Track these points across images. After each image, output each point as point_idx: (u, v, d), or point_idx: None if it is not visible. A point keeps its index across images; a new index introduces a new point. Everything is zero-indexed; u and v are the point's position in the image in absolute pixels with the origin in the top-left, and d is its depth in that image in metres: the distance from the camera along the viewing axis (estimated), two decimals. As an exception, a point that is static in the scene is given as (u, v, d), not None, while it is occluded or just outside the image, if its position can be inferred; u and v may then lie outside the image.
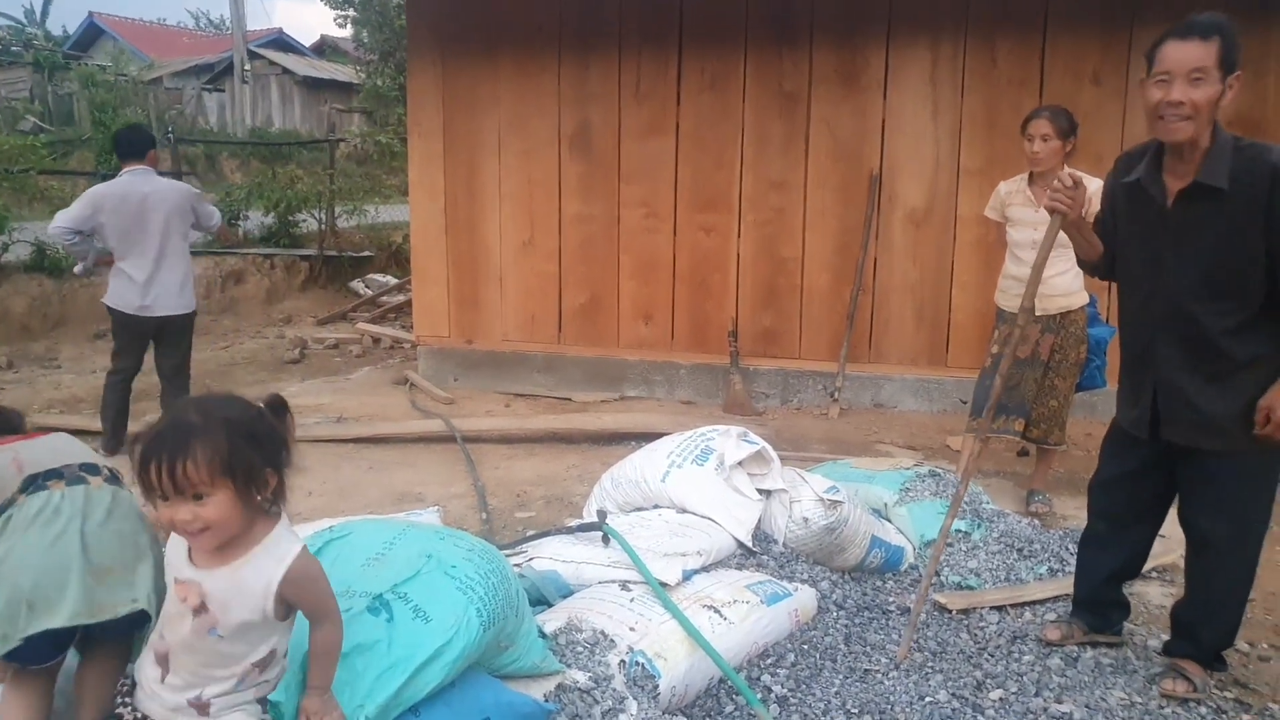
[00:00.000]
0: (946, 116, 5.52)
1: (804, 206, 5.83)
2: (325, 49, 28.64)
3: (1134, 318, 2.57)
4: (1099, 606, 2.87)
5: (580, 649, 2.32)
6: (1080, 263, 2.83)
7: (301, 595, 1.60)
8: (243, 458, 1.52)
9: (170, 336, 4.98)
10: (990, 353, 4.09)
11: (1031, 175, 3.91)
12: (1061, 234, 3.88)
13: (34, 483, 1.91)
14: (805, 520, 3.15)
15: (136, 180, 4.75)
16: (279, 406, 1.66)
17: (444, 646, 1.77)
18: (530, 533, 3.46)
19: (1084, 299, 3.91)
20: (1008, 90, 5.37)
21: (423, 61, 6.40)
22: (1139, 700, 2.58)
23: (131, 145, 4.85)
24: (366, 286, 10.43)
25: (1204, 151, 2.31)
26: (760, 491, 3.24)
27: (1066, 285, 3.85)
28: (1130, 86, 5.21)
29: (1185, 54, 2.23)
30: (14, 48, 21.62)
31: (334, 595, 1.66)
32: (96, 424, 5.37)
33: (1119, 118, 5.24)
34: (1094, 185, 3.79)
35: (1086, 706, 2.54)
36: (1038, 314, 3.92)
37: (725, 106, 5.87)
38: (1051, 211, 2.58)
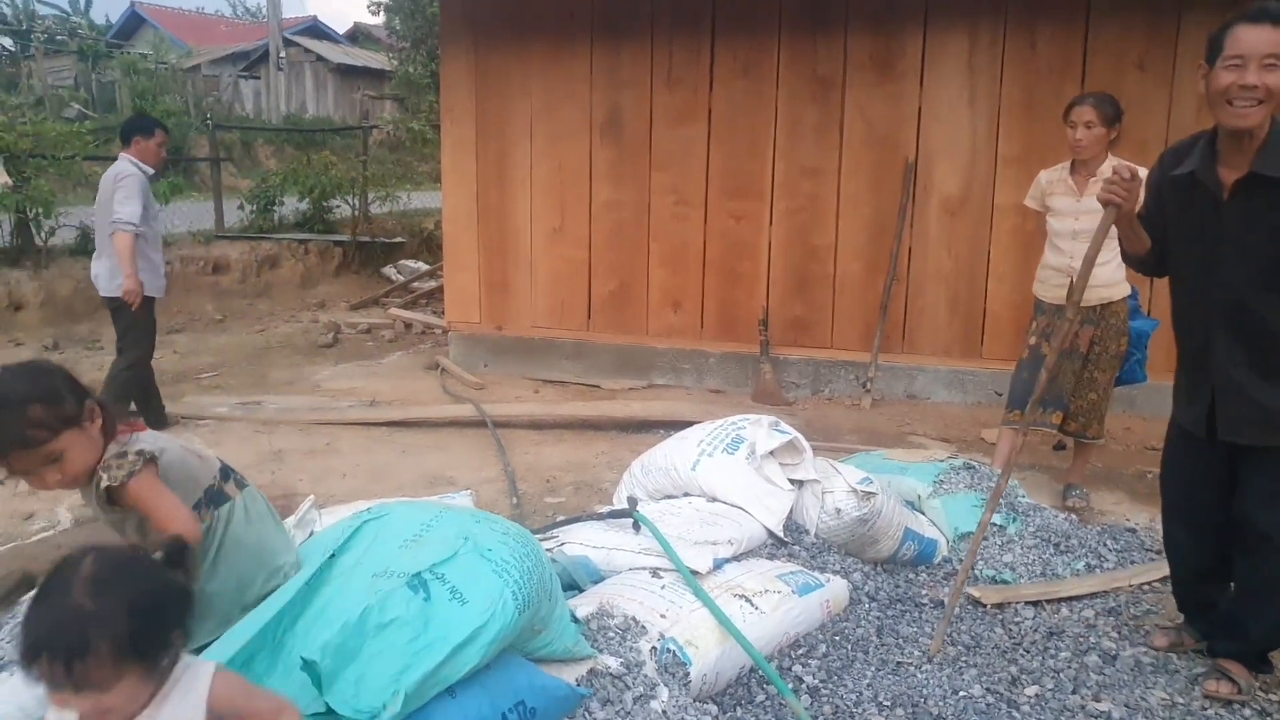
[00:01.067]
0: (984, 104, 5.42)
1: (837, 194, 5.76)
2: (359, 36, 28.81)
3: (1189, 314, 2.53)
4: (1204, 611, 2.75)
5: (612, 634, 2.32)
6: (1125, 258, 2.76)
7: (235, 709, 1.44)
8: (149, 637, 1.32)
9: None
10: (1028, 344, 4.02)
11: (1074, 164, 3.83)
12: (1104, 224, 3.83)
13: (230, 473, 2.10)
14: (838, 511, 3.12)
15: (114, 165, 5.03)
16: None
17: (480, 629, 1.78)
18: (561, 518, 3.47)
19: (1125, 290, 3.83)
20: (1048, 77, 5.27)
21: (455, 48, 6.41)
22: (1180, 701, 2.53)
23: (121, 133, 5.12)
24: (399, 272, 10.50)
25: (1261, 141, 2.27)
26: (792, 482, 3.22)
27: (1108, 276, 3.77)
28: (1178, 73, 5.08)
29: (1260, 38, 2.18)
30: (59, 37, 21.98)
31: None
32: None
33: (1164, 105, 5.12)
34: (1141, 175, 3.72)
35: (1126, 706, 2.50)
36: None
37: (758, 93, 5.82)
38: (1106, 203, 2.51)
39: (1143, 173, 3.73)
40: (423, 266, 10.49)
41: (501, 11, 6.21)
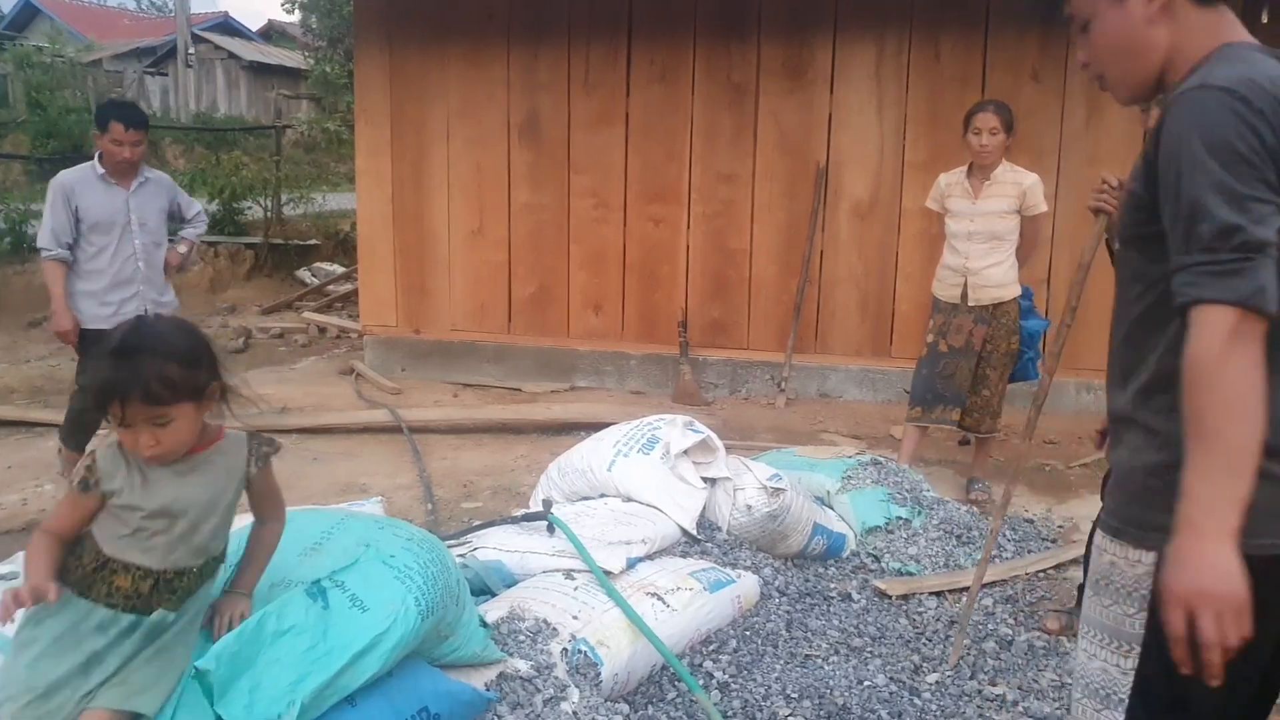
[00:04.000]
0: (891, 111, 5.60)
1: (752, 199, 5.87)
2: (273, 34, 28.01)
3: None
4: None
5: (522, 638, 2.33)
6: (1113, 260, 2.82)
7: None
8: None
9: None
10: (926, 342, 4.17)
11: (971, 168, 3.99)
12: (999, 225, 4.00)
13: None
14: (749, 508, 3.19)
15: None
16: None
17: (381, 636, 1.77)
18: (476, 523, 3.45)
19: (1016, 291, 4.01)
20: (951, 86, 5.47)
21: (370, 47, 6.31)
22: (1069, 681, 2.65)
23: None
24: (313, 275, 10.26)
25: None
26: (705, 480, 3.27)
27: (1000, 276, 3.95)
28: (1068, 84, 5.34)
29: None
30: (-56, 27, 20.80)
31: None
32: (30, 414, 5.23)
33: (1058, 114, 5.37)
34: (1029, 180, 3.91)
35: (1019, 688, 2.62)
36: (970, 304, 4.01)
37: (675, 98, 5.89)
38: (1096, 212, 2.56)
39: (1024, 175, 3.92)
40: (338, 269, 10.26)
41: (417, 10, 6.14)
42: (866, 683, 2.60)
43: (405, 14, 6.16)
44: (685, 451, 3.29)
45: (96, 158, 3.98)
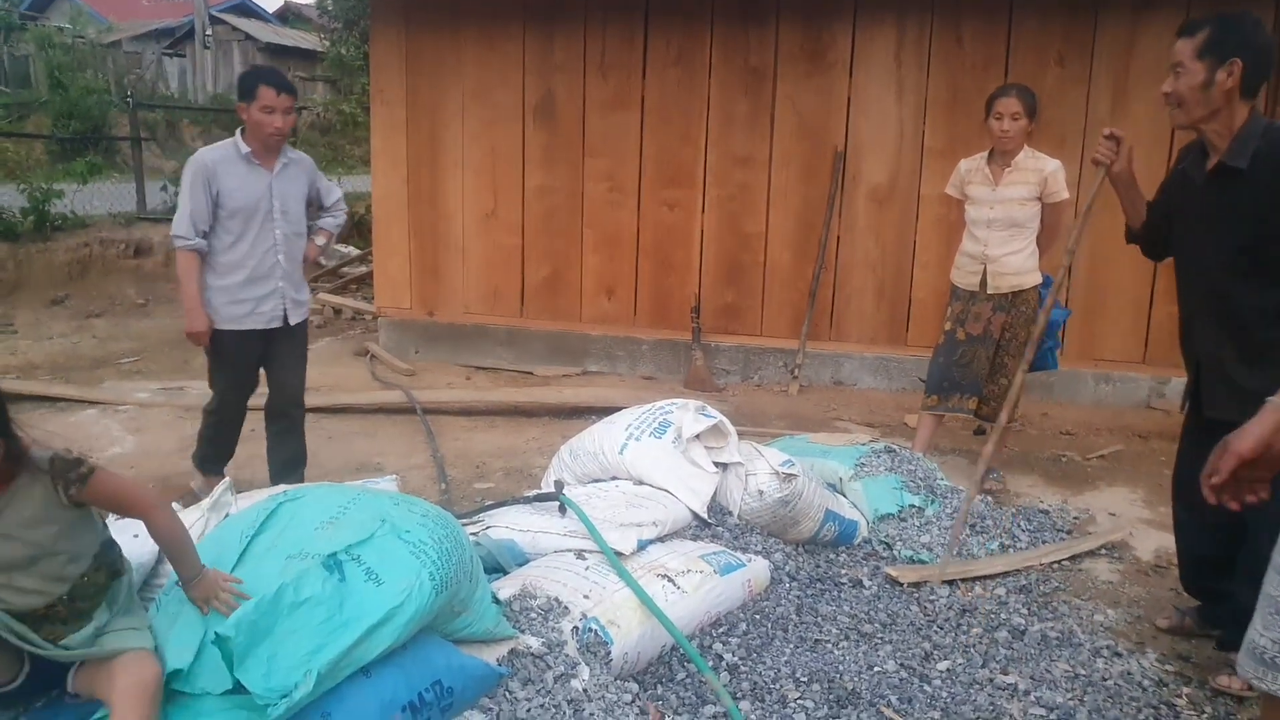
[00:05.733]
0: (911, 96, 5.54)
1: (768, 183, 5.84)
2: (289, 16, 28.02)
3: (1181, 296, 2.69)
4: (1215, 600, 2.79)
5: (534, 615, 2.33)
6: (1129, 235, 2.88)
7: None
8: None
9: None
10: (944, 330, 4.13)
11: (991, 153, 3.94)
12: (1019, 212, 3.95)
13: None
14: (760, 493, 3.18)
15: None
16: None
17: (396, 609, 1.77)
18: (488, 503, 3.46)
19: (1037, 279, 3.97)
20: (972, 71, 5.41)
21: (386, 28, 6.29)
22: (1083, 673, 2.64)
23: None
24: (328, 257, 10.27)
25: (1234, 135, 2.45)
26: (716, 464, 3.26)
27: (1019, 264, 3.91)
28: (1095, 69, 5.27)
29: (1174, 49, 2.49)
30: (-32, 10, 20.93)
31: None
32: (53, 389, 5.28)
33: (1082, 100, 5.30)
34: (1051, 166, 3.85)
35: (1031, 678, 2.60)
36: (989, 291, 3.97)
37: (691, 82, 5.85)
38: (1096, 164, 2.73)
39: (1046, 160, 3.88)
40: (353, 251, 10.28)
41: (434, -8, 6.11)
42: (876, 668, 2.60)
43: (422, -5, 6.13)
44: (697, 436, 3.29)
45: (239, 134, 3.49)
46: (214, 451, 3.77)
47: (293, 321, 3.68)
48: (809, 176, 5.76)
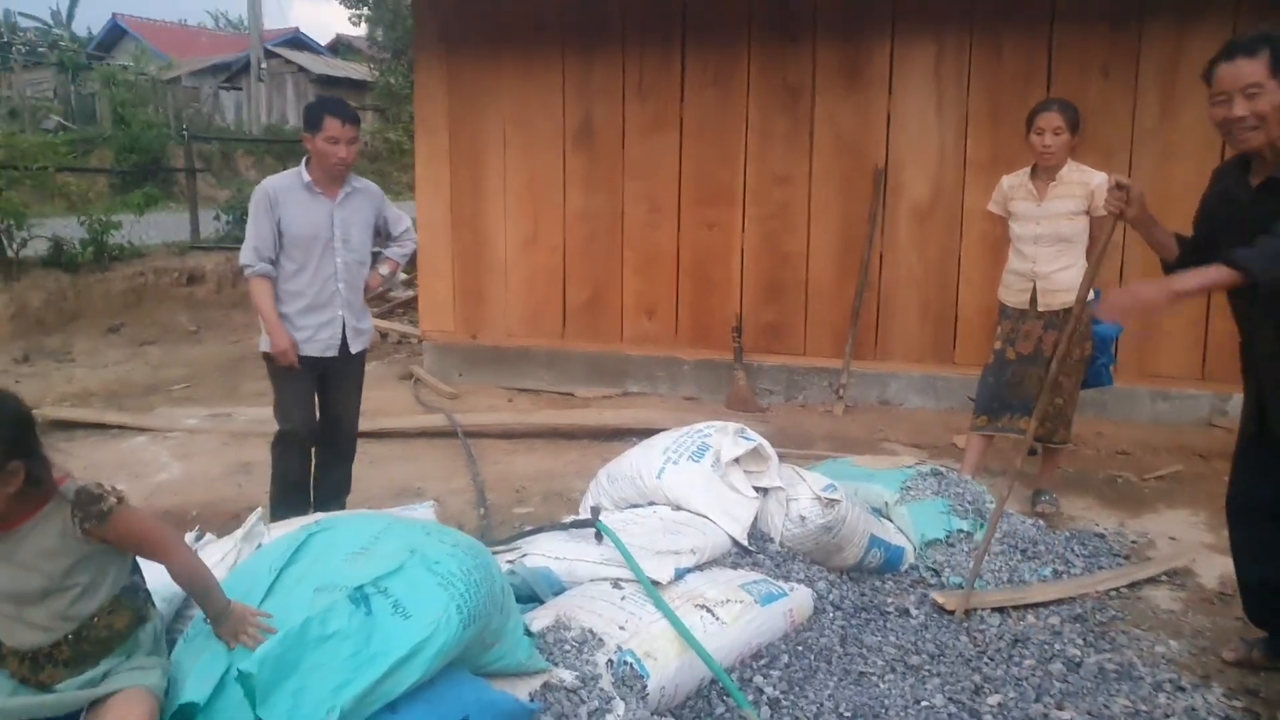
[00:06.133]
0: (952, 111, 5.45)
1: (808, 201, 5.78)
2: (340, 48, 28.74)
3: (1237, 313, 2.63)
4: (1273, 627, 2.71)
5: (568, 647, 2.30)
6: (1164, 267, 2.83)
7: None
8: None
9: None
10: (993, 349, 4.03)
11: (1034, 169, 3.85)
12: (1066, 227, 3.86)
13: None
14: (802, 519, 3.11)
15: None
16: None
17: (423, 643, 1.76)
18: (527, 528, 3.44)
19: (1089, 294, 3.83)
20: (1014, 84, 5.30)
21: (429, 58, 6.40)
22: (1144, 709, 2.51)
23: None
24: (394, 286, 10.43)
25: (1279, 150, 2.40)
26: (757, 489, 3.20)
27: (1069, 281, 3.79)
28: (1140, 79, 5.13)
29: (1236, 72, 2.37)
30: (40, 49, 21.87)
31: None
32: (106, 417, 5.41)
33: (1129, 111, 5.16)
34: (1097, 179, 3.74)
35: (1089, 714, 2.49)
36: (1040, 309, 3.87)
37: (729, 101, 5.83)
38: (1109, 214, 2.74)
39: (1092, 174, 3.79)
40: (401, 276, 10.43)
41: (474, 22, 6.20)
42: (924, 703, 2.51)
43: (463, 24, 6.23)
44: (736, 459, 3.23)
45: (304, 164, 3.52)
46: (282, 493, 3.60)
47: (353, 350, 3.66)
48: (849, 193, 5.69)
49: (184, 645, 1.90)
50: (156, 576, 1.90)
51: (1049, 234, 3.81)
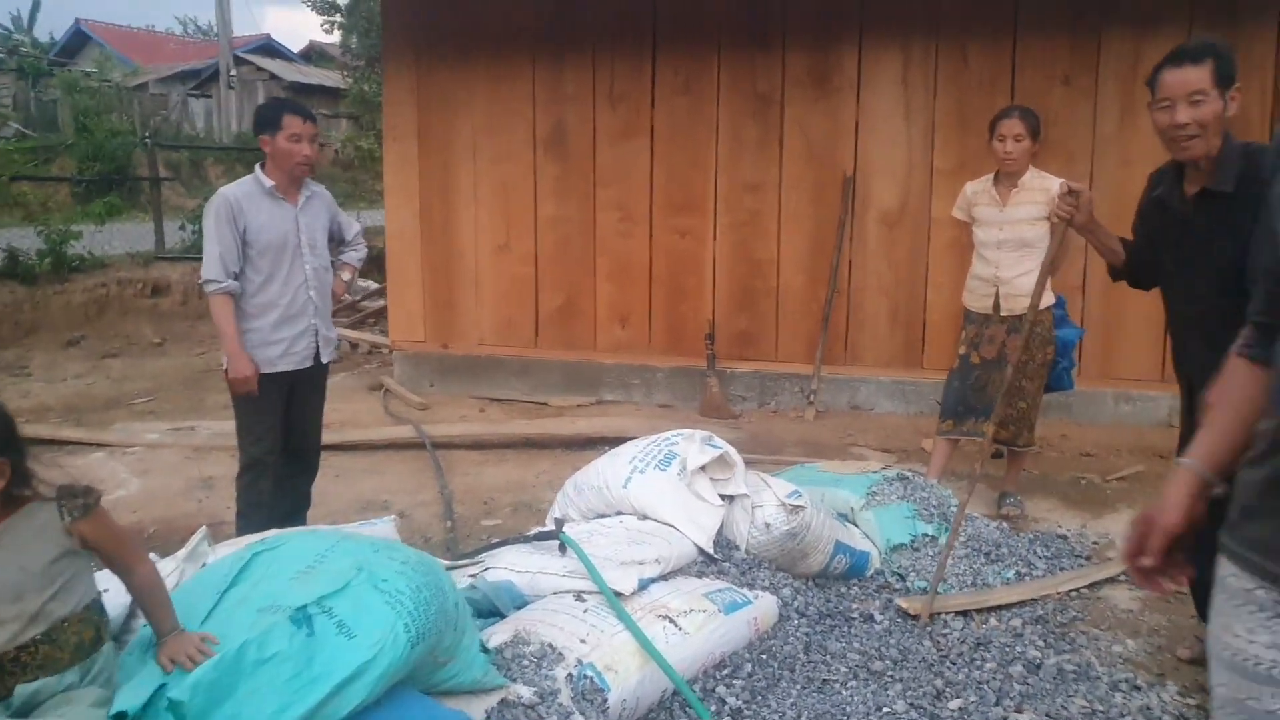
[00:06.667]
0: (919, 118, 5.49)
1: (779, 208, 5.80)
2: (313, 55, 28.52)
3: (1171, 321, 2.69)
4: None
5: (527, 662, 2.28)
6: (1110, 271, 2.91)
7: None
8: None
9: None
10: (958, 354, 4.06)
11: (997, 175, 3.89)
12: (1029, 232, 3.90)
13: None
14: (767, 526, 3.11)
15: None
16: None
17: (367, 664, 1.73)
18: (494, 540, 3.42)
19: (1050, 299, 3.89)
20: (979, 91, 5.35)
21: (398, 65, 6.37)
22: (1100, 709, 2.54)
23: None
24: (352, 293, 10.35)
25: (1214, 160, 2.44)
26: (722, 497, 3.19)
27: (1031, 286, 3.81)
28: (1100, 86, 5.20)
29: (1182, 79, 2.40)
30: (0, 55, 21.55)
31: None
32: (61, 433, 5.32)
33: (1090, 118, 5.23)
34: (1058, 184, 3.78)
35: (1047, 715, 2.51)
36: (1003, 314, 3.90)
37: (699, 109, 5.84)
38: (1059, 220, 2.83)
39: (1051, 180, 3.86)
40: (372, 285, 10.36)
41: (443, 29, 6.18)
42: (885, 709, 2.51)
43: (431, 32, 6.20)
44: (703, 467, 3.22)
45: (259, 170, 3.37)
46: (252, 526, 3.27)
47: (324, 360, 3.55)
48: (819, 201, 5.72)
49: (126, 656, 1.86)
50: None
51: (1012, 239, 3.85)
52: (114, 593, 2.02)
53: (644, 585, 2.72)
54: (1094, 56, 5.18)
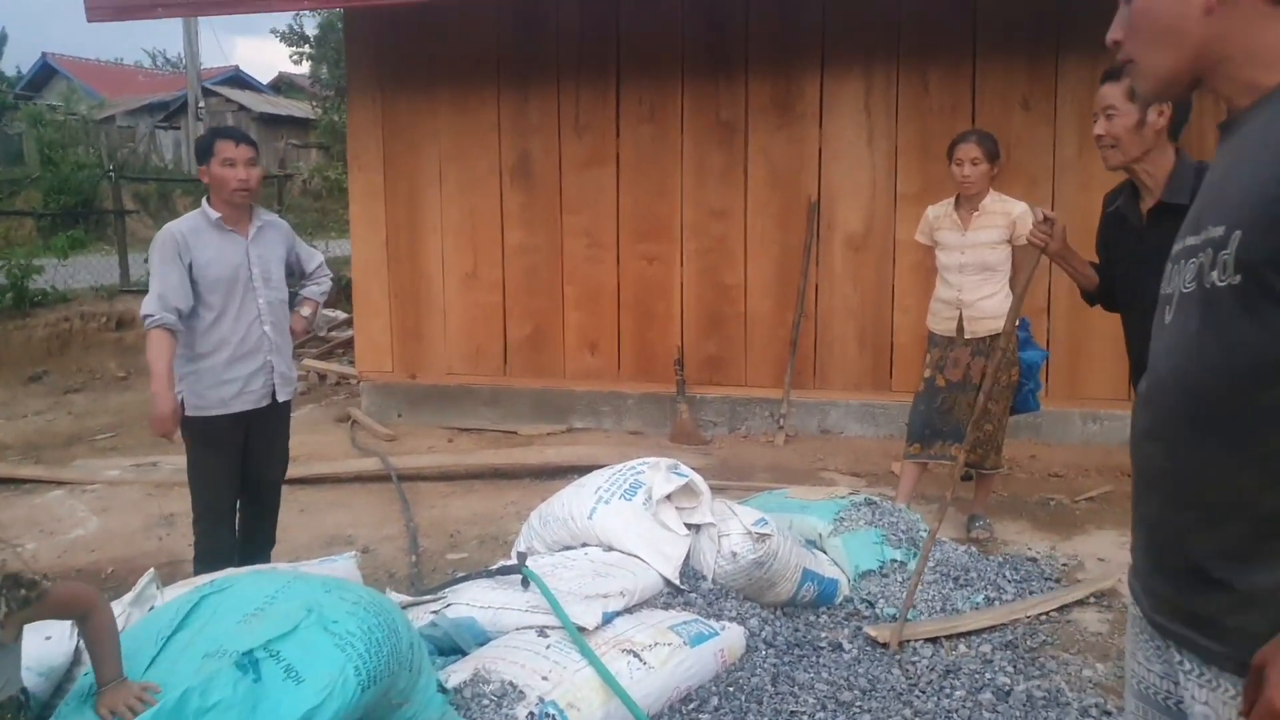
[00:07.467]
0: (882, 143, 5.55)
1: (745, 234, 5.82)
2: (283, 86, 28.50)
3: (1129, 337, 2.70)
4: None
5: (487, 702, 2.23)
6: (1084, 295, 2.95)
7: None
8: None
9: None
10: (923, 377, 4.07)
11: (958, 199, 3.92)
12: (990, 255, 3.94)
13: None
14: (734, 555, 3.07)
15: None
16: None
17: (315, 709, 1.67)
18: (458, 575, 3.35)
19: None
20: (940, 116, 5.42)
21: (362, 95, 6.35)
22: (1069, 734, 2.53)
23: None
24: (316, 327, 10.25)
25: (1168, 174, 2.52)
26: (689, 526, 3.16)
27: (995, 308, 3.86)
28: (1059, 110, 5.28)
29: (1102, 94, 2.57)
30: (-38, 89, 21.32)
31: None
32: (18, 471, 5.19)
33: (1049, 142, 5.31)
34: (1019, 209, 3.82)
35: (1017, 742, 2.49)
36: (966, 336, 3.92)
37: (664, 137, 5.87)
38: (1032, 246, 2.86)
39: (1013, 204, 3.90)
40: (340, 315, 10.26)
41: (408, 59, 6.18)
42: (855, 740, 2.48)
43: (396, 61, 6.20)
44: (669, 496, 3.19)
45: (205, 203, 3.24)
46: (217, 569, 3.02)
47: (280, 399, 3.41)
48: (785, 226, 5.75)
49: (61, 708, 1.79)
50: (32, 651, 1.80)
51: (973, 263, 3.87)
52: (56, 640, 1.95)
53: (609, 619, 2.67)
54: (1052, 82, 5.26)
